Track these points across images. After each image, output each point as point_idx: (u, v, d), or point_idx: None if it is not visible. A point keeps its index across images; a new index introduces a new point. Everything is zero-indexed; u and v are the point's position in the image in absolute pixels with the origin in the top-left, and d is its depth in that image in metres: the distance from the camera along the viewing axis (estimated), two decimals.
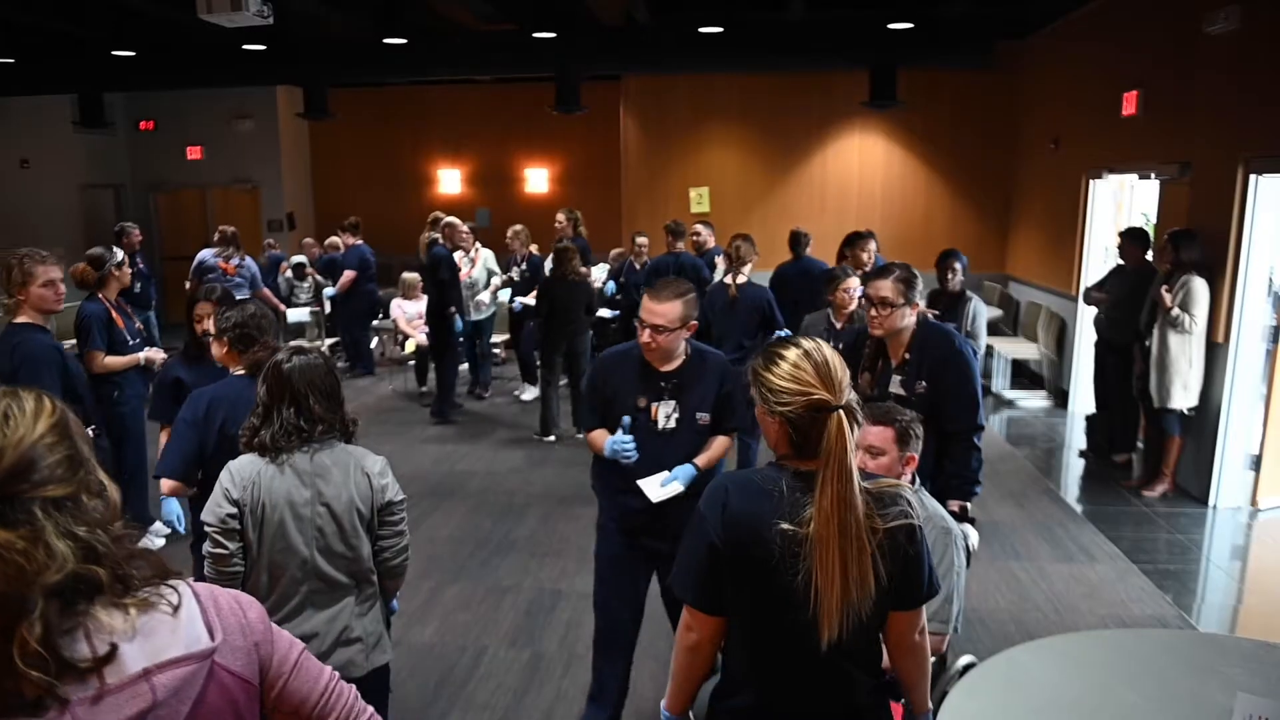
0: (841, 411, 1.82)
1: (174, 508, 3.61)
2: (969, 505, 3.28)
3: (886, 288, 3.32)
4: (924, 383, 3.31)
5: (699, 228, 8.46)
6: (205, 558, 2.46)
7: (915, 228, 10.64)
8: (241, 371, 3.11)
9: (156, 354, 5.26)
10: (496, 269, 8.94)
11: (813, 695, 1.93)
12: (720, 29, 8.70)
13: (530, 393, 8.67)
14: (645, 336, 3.07)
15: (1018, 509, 5.91)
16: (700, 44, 8.94)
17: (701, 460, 3.16)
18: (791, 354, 1.90)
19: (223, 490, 2.45)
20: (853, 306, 5.14)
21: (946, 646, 2.69)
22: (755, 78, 10.73)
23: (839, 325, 5.15)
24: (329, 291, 9.95)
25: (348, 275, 9.53)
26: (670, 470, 3.11)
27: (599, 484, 3.37)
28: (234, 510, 2.43)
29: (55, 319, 4.42)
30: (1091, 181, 8.06)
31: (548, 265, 8.27)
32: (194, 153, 13.63)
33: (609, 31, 9.26)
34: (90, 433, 3.64)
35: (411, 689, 3.82)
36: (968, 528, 3.13)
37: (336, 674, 1.37)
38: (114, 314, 5.03)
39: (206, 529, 2.45)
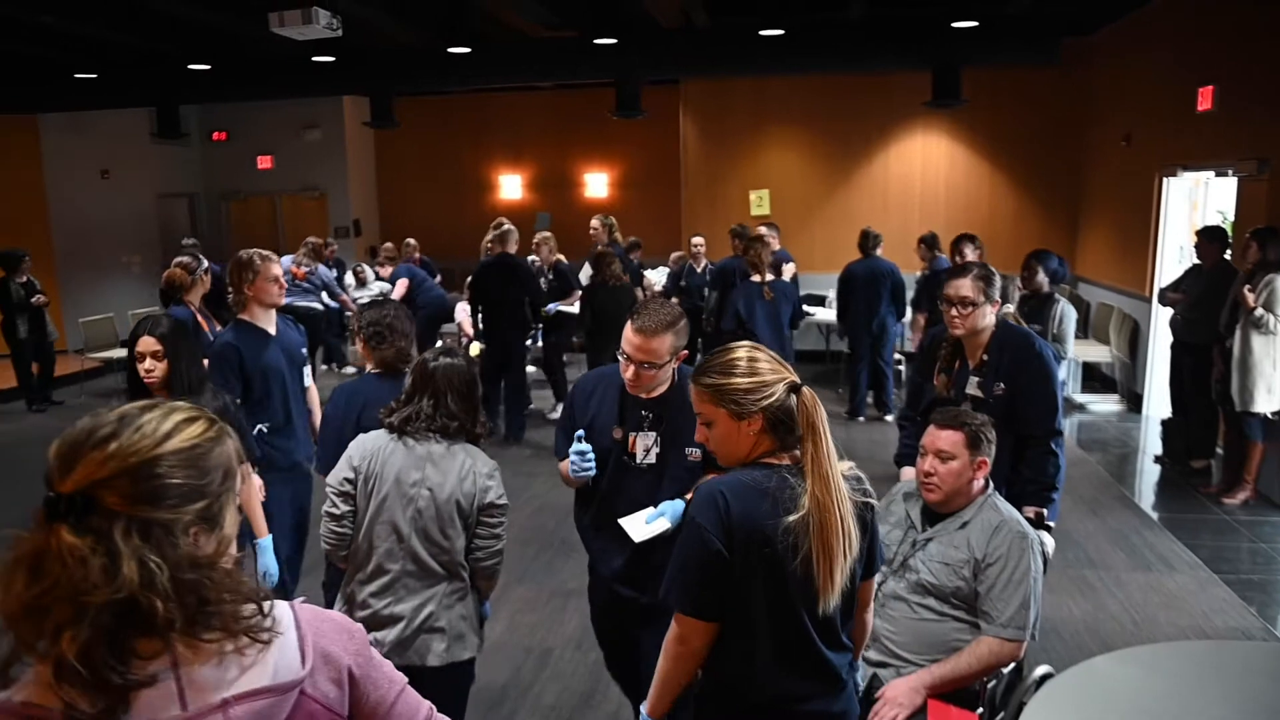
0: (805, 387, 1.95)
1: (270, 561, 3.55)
2: (1045, 512, 3.21)
3: (966, 286, 3.25)
4: (1002, 385, 3.24)
5: (763, 230, 8.45)
6: (324, 516, 2.76)
7: (980, 228, 10.36)
8: (376, 370, 3.36)
9: None
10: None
11: (809, 675, 1.98)
12: (781, 31, 8.65)
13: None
14: (629, 374, 2.68)
15: (1091, 515, 5.76)
16: (761, 46, 8.90)
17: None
18: (741, 354, 1.98)
19: (347, 456, 2.74)
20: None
21: (1024, 654, 2.63)
22: (816, 79, 10.64)
23: None
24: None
25: (402, 284, 9.70)
26: (657, 507, 2.70)
27: (578, 521, 3.03)
28: (351, 475, 2.71)
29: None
30: (1165, 179, 7.83)
31: (585, 272, 8.14)
32: (264, 162, 14.02)
33: (669, 36, 9.27)
34: (262, 429, 3.79)
35: (479, 688, 3.85)
36: (1044, 534, 3.06)
37: (433, 709, 1.32)
38: (199, 318, 5.21)
39: (327, 489, 2.76)
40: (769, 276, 6.83)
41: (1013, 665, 2.68)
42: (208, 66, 9.84)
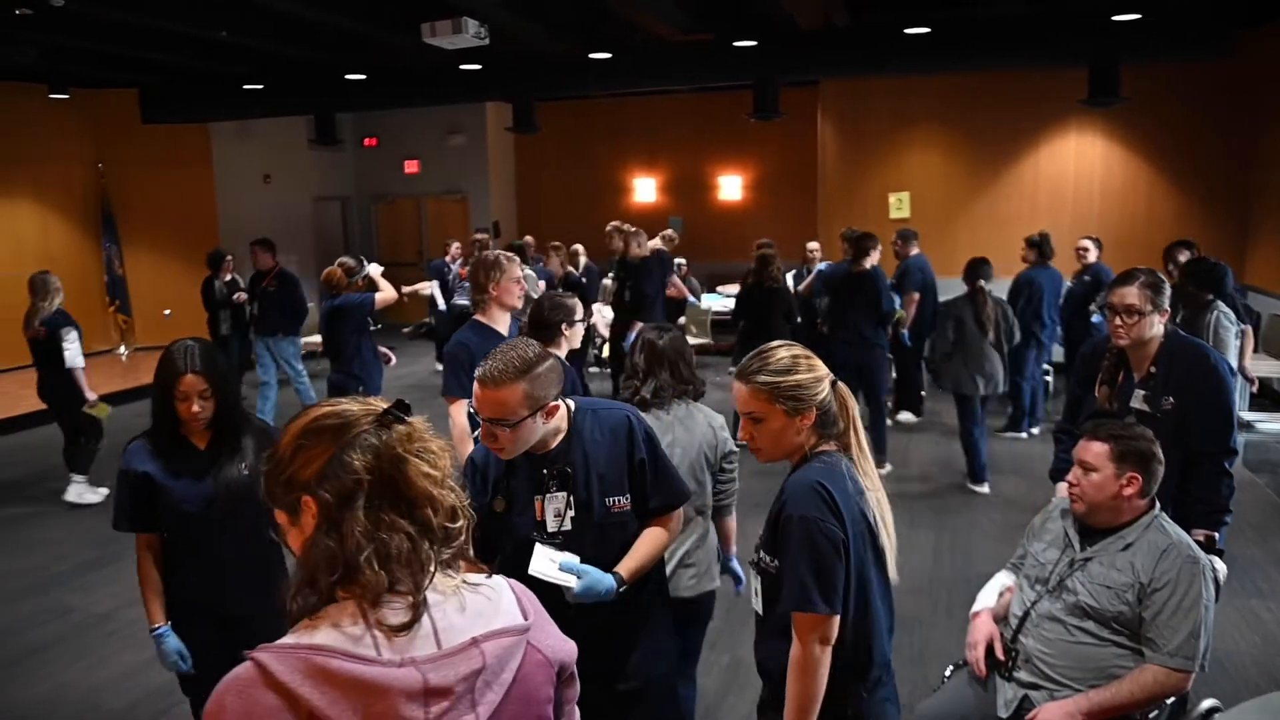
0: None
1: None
2: (1216, 536, 3.02)
3: (1133, 294, 3.09)
4: (1171, 399, 3.06)
5: (895, 235, 8.28)
6: None
7: (1137, 232, 9.89)
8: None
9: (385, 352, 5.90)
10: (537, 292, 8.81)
11: (889, 636, 2.18)
12: (927, 29, 8.41)
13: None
14: (484, 434, 2.25)
15: (1260, 542, 5.38)
16: (905, 45, 8.67)
17: (628, 568, 2.30)
18: (784, 352, 2.12)
19: None
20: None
21: (1191, 685, 2.49)
22: (960, 78, 10.30)
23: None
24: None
25: (540, 286, 9.95)
26: (582, 565, 2.25)
27: None
28: None
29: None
30: None
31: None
32: (411, 166, 14.64)
33: (808, 36, 9.16)
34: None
35: None
36: (1215, 559, 2.88)
37: None
38: None
39: None
40: (871, 263, 7.11)
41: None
42: (363, 76, 10.34)
